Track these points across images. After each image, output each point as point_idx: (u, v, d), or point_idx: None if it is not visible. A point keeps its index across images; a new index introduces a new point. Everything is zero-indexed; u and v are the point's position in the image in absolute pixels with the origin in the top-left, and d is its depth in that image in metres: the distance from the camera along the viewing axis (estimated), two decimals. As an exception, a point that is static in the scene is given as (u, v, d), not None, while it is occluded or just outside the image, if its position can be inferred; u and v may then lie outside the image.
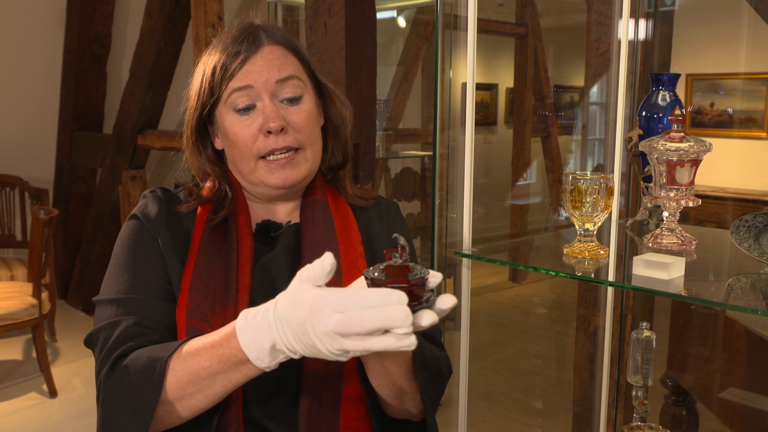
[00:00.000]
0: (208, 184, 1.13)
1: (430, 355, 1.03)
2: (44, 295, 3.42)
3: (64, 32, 4.74)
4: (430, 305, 0.77)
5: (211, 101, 1.07)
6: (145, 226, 1.08)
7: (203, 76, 1.08)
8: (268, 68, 1.06)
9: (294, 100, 1.07)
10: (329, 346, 0.75)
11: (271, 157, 1.06)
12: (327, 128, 1.16)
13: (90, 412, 3.17)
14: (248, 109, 1.06)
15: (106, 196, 4.46)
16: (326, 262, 0.77)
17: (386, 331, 0.73)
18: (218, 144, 1.13)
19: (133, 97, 4.20)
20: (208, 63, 1.08)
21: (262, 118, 1.05)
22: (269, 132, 1.04)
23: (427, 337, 1.08)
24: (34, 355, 3.55)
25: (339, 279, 1.04)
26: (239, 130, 1.06)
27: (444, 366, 1.08)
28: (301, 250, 1.08)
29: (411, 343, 0.72)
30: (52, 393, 3.37)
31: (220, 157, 1.14)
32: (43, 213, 3.47)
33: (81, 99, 4.67)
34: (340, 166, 1.18)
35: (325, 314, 0.74)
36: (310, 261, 1.02)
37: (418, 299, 0.76)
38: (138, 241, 1.07)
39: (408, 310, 0.72)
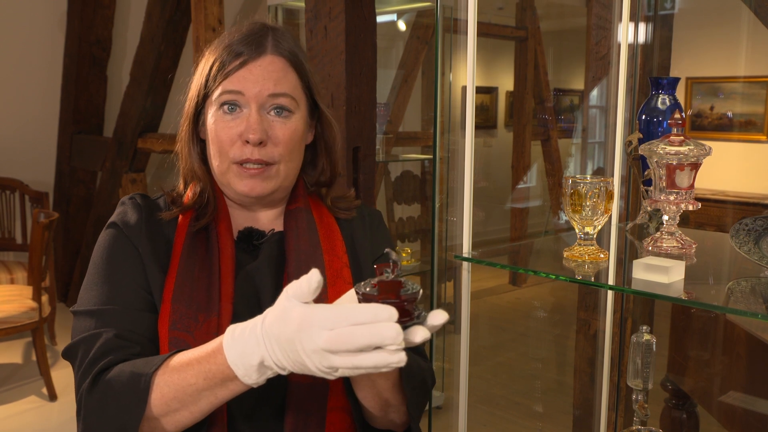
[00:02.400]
0: (189, 192, 1.11)
1: (416, 367, 1.02)
2: (44, 298, 3.42)
3: (65, 36, 4.74)
4: (421, 321, 0.76)
5: (204, 92, 1.06)
6: (124, 233, 1.04)
7: (202, 69, 1.08)
8: (264, 79, 1.03)
9: (282, 114, 1.05)
10: (318, 363, 0.75)
11: (245, 166, 1.04)
12: (319, 145, 1.15)
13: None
14: (233, 110, 1.04)
15: (107, 199, 4.46)
16: (312, 279, 0.75)
17: (376, 348, 0.72)
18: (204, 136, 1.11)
19: (134, 101, 4.20)
20: (209, 57, 1.07)
21: (244, 126, 1.03)
22: (247, 141, 1.03)
23: (412, 347, 1.08)
24: (34, 358, 3.55)
25: (324, 289, 1.02)
26: (220, 130, 1.04)
27: (428, 377, 1.07)
28: (286, 260, 1.07)
29: (401, 359, 0.72)
30: (52, 396, 3.37)
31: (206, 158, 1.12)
32: (43, 216, 3.47)
33: (81, 102, 4.67)
34: (326, 184, 1.17)
35: (314, 332, 0.74)
36: (295, 271, 0.98)
37: (409, 315, 0.76)
38: (117, 249, 1.04)
39: (399, 327, 0.71)
